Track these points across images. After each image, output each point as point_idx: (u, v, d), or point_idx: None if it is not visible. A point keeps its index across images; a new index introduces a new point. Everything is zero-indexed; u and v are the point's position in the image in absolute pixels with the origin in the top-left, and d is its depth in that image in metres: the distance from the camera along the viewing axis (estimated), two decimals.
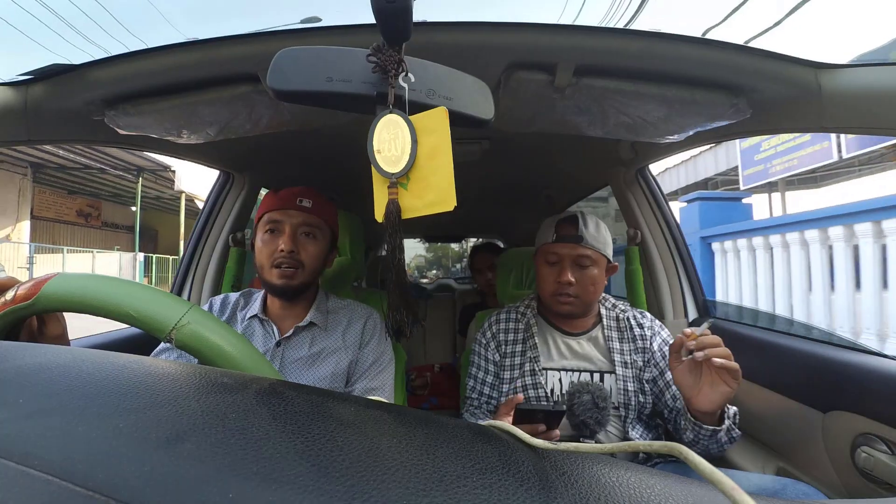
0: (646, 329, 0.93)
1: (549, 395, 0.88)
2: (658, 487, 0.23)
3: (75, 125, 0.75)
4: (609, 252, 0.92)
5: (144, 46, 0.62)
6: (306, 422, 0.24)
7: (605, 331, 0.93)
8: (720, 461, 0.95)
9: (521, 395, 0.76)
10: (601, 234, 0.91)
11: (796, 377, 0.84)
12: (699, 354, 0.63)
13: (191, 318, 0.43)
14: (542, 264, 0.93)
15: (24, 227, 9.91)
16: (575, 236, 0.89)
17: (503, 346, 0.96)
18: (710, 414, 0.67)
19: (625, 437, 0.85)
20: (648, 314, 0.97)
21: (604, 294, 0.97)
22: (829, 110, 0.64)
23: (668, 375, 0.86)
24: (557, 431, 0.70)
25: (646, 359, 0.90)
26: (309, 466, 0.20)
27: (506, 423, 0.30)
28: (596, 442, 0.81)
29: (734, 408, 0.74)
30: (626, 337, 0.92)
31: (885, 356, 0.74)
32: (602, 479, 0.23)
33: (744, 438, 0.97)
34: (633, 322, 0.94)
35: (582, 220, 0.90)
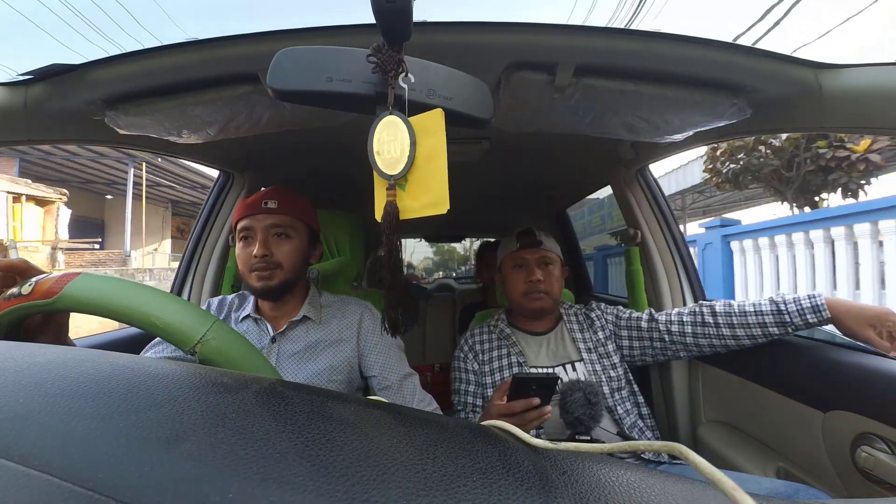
0: (596, 311, 1.09)
1: None
2: (658, 487, 0.23)
3: (75, 125, 0.75)
4: (561, 256, 1.08)
5: (158, 44, 0.62)
6: (306, 422, 0.24)
7: (567, 325, 1.06)
8: (720, 461, 0.95)
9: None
10: (552, 241, 1.08)
11: (796, 377, 0.84)
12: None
13: (215, 333, 0.42)
14: (510, 271, 1.07)
15: (167, 243, 15.69)
16: (535, 241, 1.05)
17: (480, 355, 1.05)
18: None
19: (609, 410, 0.93)
20: (593, 304, 1.13)
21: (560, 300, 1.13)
22: (830, 110, 0.64)
23: (643, 322, 1.01)
24: (549, 407, 0.72)
25: (607, 333, 1.04)
26: (309, 466, 0.20)
27: (506, 423, 0.30)
28: (592, 438, 0.83)
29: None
30: (584, 326, 1.06)
31: (885, 356, 0.74)
32: (602, 479, 0.23)
33: (744, 438, 0.97)
34: (586, 314, 1.10)
35: (535, 229, 1.07)
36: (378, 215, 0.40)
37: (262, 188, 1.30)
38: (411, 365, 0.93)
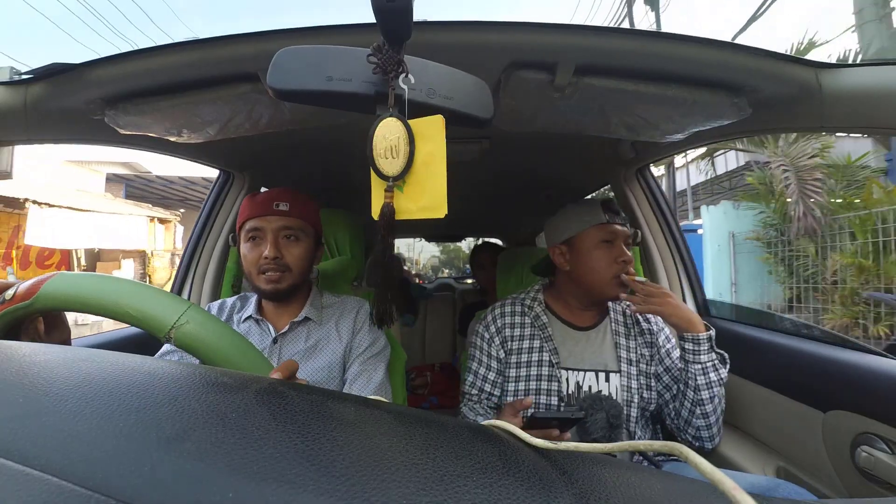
0: (652, 323, 0.94)
1: (567, 396, 0.87)
2: (658, 487, 0.23)
3: (75, 125, 0.75)
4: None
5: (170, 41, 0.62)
6: (306, 421, 0.24)
7: (613, 325, 0.92)
8: (720, 461, 0.95)
9: (530, 399, 0.74)
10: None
11: (796, 377, 0.84)
12: (633, 308, 0.84)
13: (190, 317, 0.42)
14: (597, 246, 0.88)
15: None
16: (623, 217, 0.90)
17: (509, 342, 0.92)
18: (691, 331, 0.80)
19: (629, 434, 0.85)
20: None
21: None
22: (830, 110, 0.64)
23: (675, 371, 0.89)
24: (568, 434, 0.70)
25: (652, 352, 0.91)
26: (309, 466, 0.20)
27: (506, 423, 0.30)
28: None
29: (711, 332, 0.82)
30: (632, 333, 0.92)
31: (885, 355, 0.74)
32: (602, 479, 0.23)
33: (744, 438, 0.97)
34: (639, 316, 0.94)
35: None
36: (375, 214, 0.40)
37: (263, 188, 1.30)
38: (410, 365, 0.93)
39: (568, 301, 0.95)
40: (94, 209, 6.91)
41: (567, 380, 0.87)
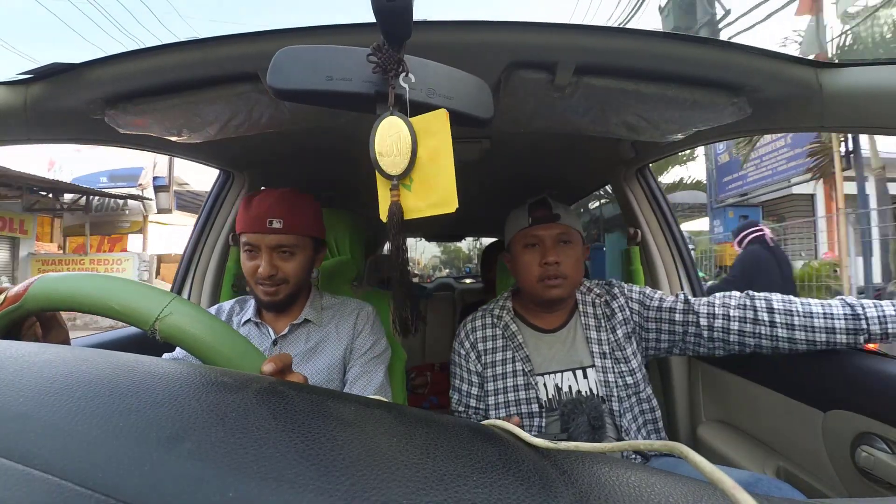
0: (620, 298, 0.92)
1: (545, 402, 0.87)
2: (658, 486, 0.23)
3: (75, 125, 0.75)
4: (581, 232, 0.92)
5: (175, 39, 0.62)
6: (306, 421, 0.24)
7: (583, 318, 0.91)
8: (720, 460, 0.95)
9: (517, 419, 0.73)
10: (571, 213, 0.91)
11: (796, 377, 0.84)
12: None
13: (173, 308, 0.42)
14: (521, 252, 0.90)
15: None
16: (551, 215, 0.88)
17: (484, 356, 0.93)
18: None
19: (615, 427, 0.84)
20: (613, 281, 0.97)
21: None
22: (830, 109, 0.64)
23: (678, 314, 0.86)
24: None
25: (628, 329, 0.89)
26: (309, 466, 0.20)
27: (506, 423, 0.30)
28: None
29: None
30: (601, 323, 0.90)
31: (886, 355, 0.74)
32: (602, 478, 0.23)
33: (744, 438, 0.97)
34: (606, 302, 0.93)
35: (551, 200, 0.90)
36: (383, 215, 0.40)
37: (263, 187, 1.30)
38: (410, 364, 0.93)
39: (529, 305, 0.95)
40: (173, 223, 9.06)
41: (545, 385, 0.87)
